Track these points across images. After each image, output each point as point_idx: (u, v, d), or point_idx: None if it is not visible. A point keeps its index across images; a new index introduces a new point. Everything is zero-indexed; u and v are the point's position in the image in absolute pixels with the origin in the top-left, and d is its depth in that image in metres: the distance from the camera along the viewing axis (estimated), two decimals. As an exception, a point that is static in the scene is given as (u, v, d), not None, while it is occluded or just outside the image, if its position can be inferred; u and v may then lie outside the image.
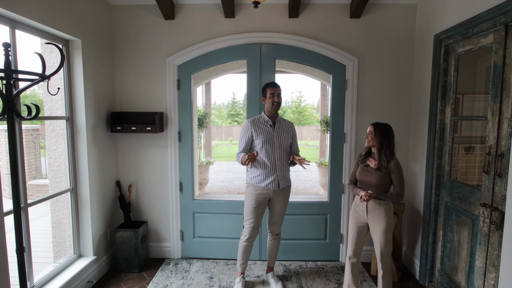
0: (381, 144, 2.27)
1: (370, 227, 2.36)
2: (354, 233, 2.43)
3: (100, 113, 2.94)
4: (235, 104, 28.38)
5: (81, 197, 2.78)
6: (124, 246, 3.01)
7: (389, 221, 2.27)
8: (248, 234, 2.65)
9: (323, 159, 7.48)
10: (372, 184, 2.30)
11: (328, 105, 7.84)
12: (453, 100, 2.52)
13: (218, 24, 3.06)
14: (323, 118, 6.44)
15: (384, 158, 2.25)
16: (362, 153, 2.44)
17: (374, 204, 2.30)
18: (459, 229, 2.42)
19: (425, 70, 2.82)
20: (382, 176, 2.27)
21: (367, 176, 2.33)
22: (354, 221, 2.43)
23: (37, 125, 6.72)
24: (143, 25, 3.09)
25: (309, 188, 7.05)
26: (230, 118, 26.29)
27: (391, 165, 2.27)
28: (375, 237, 2.32)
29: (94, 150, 2.85)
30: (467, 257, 2.33)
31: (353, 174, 2.49)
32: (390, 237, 2.28)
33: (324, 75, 5.07)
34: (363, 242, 2.45)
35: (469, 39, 2.30)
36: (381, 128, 2.29)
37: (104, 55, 2.98)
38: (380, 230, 2.27)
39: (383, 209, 2.28)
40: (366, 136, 2.36)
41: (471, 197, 2.28)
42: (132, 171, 3.25)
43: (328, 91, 7.51)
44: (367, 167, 2.36)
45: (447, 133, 2.58)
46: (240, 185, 7.39)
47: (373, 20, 3.01)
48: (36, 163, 6.59)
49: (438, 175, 2.66)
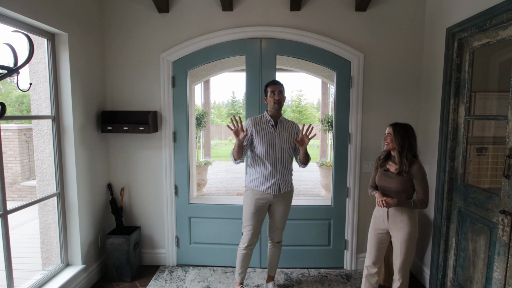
0: (402, 146, 2.08)
1: (391, 235, 2.18)
2: (374, 241, 2.25)
3: (89, 112, 2.76)
4: (234, 103, 28.21)
5: (68, 201, 2.60)
6: (115, 253, 2.83)
7: (412, 230, 2.08)
8: (247, 242, 2.47)
9: (324, 159, 7.32)
10: (392, 190, 2.12)
11: (329, 103, 7.70)
12: (467, 98, 2.34)
13: (215, 17, 2.88)
14: (324, 117, 6.26)
15: (405, 161, 2.06)
16: (381, 156, 2.25)
17: (395, 211, 2.12)
18: (474, 237, 2.25)
19: (436, 66, 2.64)
20: (404, 182, 2.08)
21: (387, 181, 2.15)
22: (374, 227, 2.25)
23: (30, 124, 6.54)
24: (135, 19, 2.91)
25: (310, 189, 6.88)
26: (230, 117, 26.08)
27: (413, 169, 2.07)
28: (395, 246, 2.14)
29: (83, 152, 2.68)
30: (484, 268, 2.15)
31: (373, 179, 2.31)
32: (412, 247, 2.10)
33: (326, 73, 4.89)
34: (384, 251, 2.27)
35: (486, 32, 2.12)
36: (401, 128, 2.10)
37: (93, 50, 2.80)
38: (401, 239, 2.09)
39: (406, 216, 2.09)
40: (385, 138, 2.16)
41: (488, 203, 2.10)
42: (124, 173, 3.07)
43: (329, 89, 7.34)
44: (386, 172, 2.17)
45: (461, 133, 2.40)
46: (239, 186, 7.21)
47: (379, 13, 2.83)
48: (30, 164, 6.41)
49: (451, 179, 2.48)
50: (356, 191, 2.99)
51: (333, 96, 2.97)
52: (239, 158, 2.40)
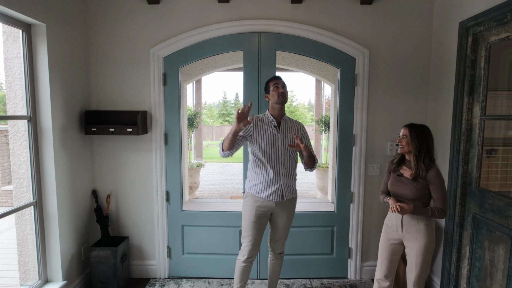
0: (419, 150, 1.89)
1: (405, 245, 1.99)
2: (386, 252, 2.06)
3: (71, 112, 2.51)
4: (226, 103, 27.91)
5: (47, 211, 2.34)
6: (100, 267, 2.58)
7: (429, 240, 1.90)
8: (247, 254, 2.26)
9: (319, 161, 7.16)
10: (407, 197, 1.93)
11: (323, 103, 7.55)
12: (483, 97, 2.18)
13: (210, 9, 2.66)
14: (320, 117, 6.09)
15: (422, 166, 1.87)
16: (394, 160, 2.06)
17: (410, 219, 1.93)
18: (492, 246, 2.09)
19: (447, 63, 2.48)
20: (419, 188, 1.90)
21: (401, 188, 1.96)
22: (385, 237, 2.06)
23: (7, 125, 6.18)
24: (122, 10, 2.67)
25: (305, 191, 6.70)
26: (221, 117, 25.81)
27: (430, 174, 1.88)
28: (409, 257, 1.95)
29: (64, 156, 2.42)
30: (504, 280, 1.99)
31: (385, 184, 2.12)
32: (429, 260, 1.92)
33: (323, 72, 4.71)
34: (397, 263, 2.08)
35: (506, 25, 1.96)
36: (418, 130, 1.91)
37: (75, 44, 2.55)
38: (417, 250, 1.90)
39: (423, 224, 1.90)
40: (399, 141, 1.96)
41: (508, 209, 1.94)
42: (110, 179, 2.82)
43: (322, 89, 7.19)
44: (400, 177, 1.99)
45: (475, 134, 2.24)
46: (233, 188, 6.99)
47: (385, 7, 2.65)
48: (10, 167, 6.05)
49: (464, 183, 2.32)
50: (361, 196, 2.81)
51: (337, 95, 2.78)
52: (228, 150, 2.13)
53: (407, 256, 1.99)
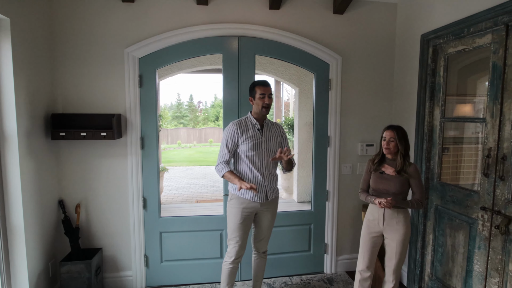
0: (405, 149, 2.10)
1: (385, 236, 2.17)
2: (368, 245, 2.22)
3: (35, 116, 2.29)
4: (180, 105, 27.20)
5: (12, 224, 2.11)
6: (73, 282, 2.39)
7: (407, 230, 2.11)
8: (234, 255, 2.27)
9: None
10: (391, 192, 2.11)
11: (283, 106, 7.79)
12: (442, 102, 2.47)
13: (189, 11, 2.63)
14: (284, 119, 6.27)
15: (407, 163, 2.09)
16: (375, 160, 2.23)
17: (392, 212, 2.12)
18: (453, 233, 2.37)
19: (410, 71, 2.75)
20: (402, 183, 2.10)
21: (385, 184, 2.13)
22: (367, 231, 2.22)
23: None
24: (95, 7, 2.51)
25: (270, 192, 6.82)
26: (175, 120, 25.14)
27: (410, 169, 2.10)
28: (389, 247, 2.14)
29: (29, 163, 2.20)
30: (464, 262, 2.28)
31: (365, 182, 2.28)
32: (406, 248, 2.13)
33: (288, 75, 4.87)
34: (376, 254, 2.25)
35: (462, 39, 2.25)
36: (403, 132, 2.11)
37: (42, 42, 2.34)
38: (397, 240, 2.10)
39: (402, 216, 2.11)
40: (387, 143, 2.11)
41: (467, 200, 2.23)
42: (80, 187, 2.62)
43: (281, 91, 7.42)
44: (382, 175, 2.16)
45: (436, 135, 2.52)
46: (197, 192, 6.86)
47: (356, 17, 2.86)
48: None
49: (427, 178, 2.60)
50: (336, 194, 2.98)
51: (313, 98, 2.92)
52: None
53: (387, 246, 2.17)
